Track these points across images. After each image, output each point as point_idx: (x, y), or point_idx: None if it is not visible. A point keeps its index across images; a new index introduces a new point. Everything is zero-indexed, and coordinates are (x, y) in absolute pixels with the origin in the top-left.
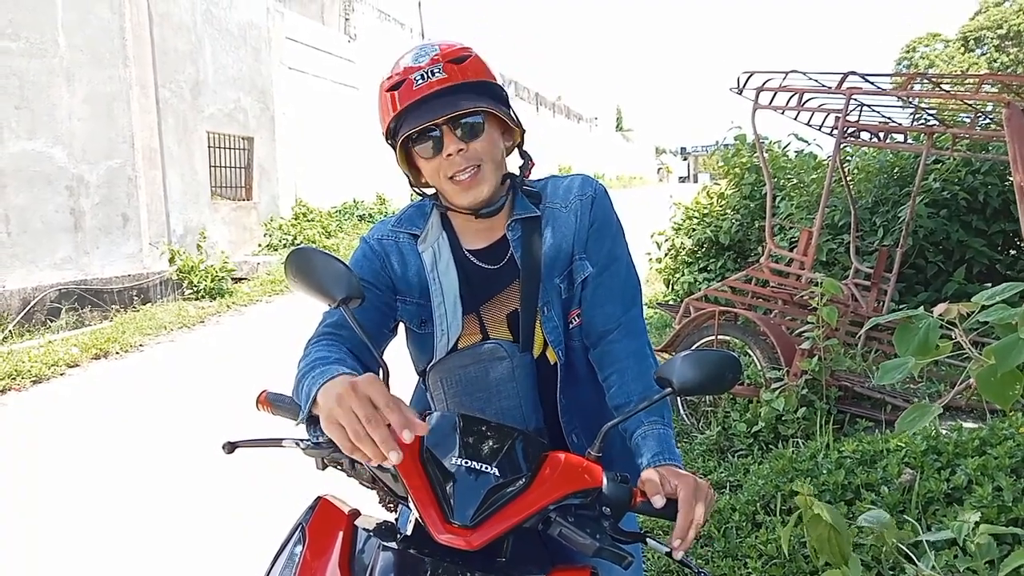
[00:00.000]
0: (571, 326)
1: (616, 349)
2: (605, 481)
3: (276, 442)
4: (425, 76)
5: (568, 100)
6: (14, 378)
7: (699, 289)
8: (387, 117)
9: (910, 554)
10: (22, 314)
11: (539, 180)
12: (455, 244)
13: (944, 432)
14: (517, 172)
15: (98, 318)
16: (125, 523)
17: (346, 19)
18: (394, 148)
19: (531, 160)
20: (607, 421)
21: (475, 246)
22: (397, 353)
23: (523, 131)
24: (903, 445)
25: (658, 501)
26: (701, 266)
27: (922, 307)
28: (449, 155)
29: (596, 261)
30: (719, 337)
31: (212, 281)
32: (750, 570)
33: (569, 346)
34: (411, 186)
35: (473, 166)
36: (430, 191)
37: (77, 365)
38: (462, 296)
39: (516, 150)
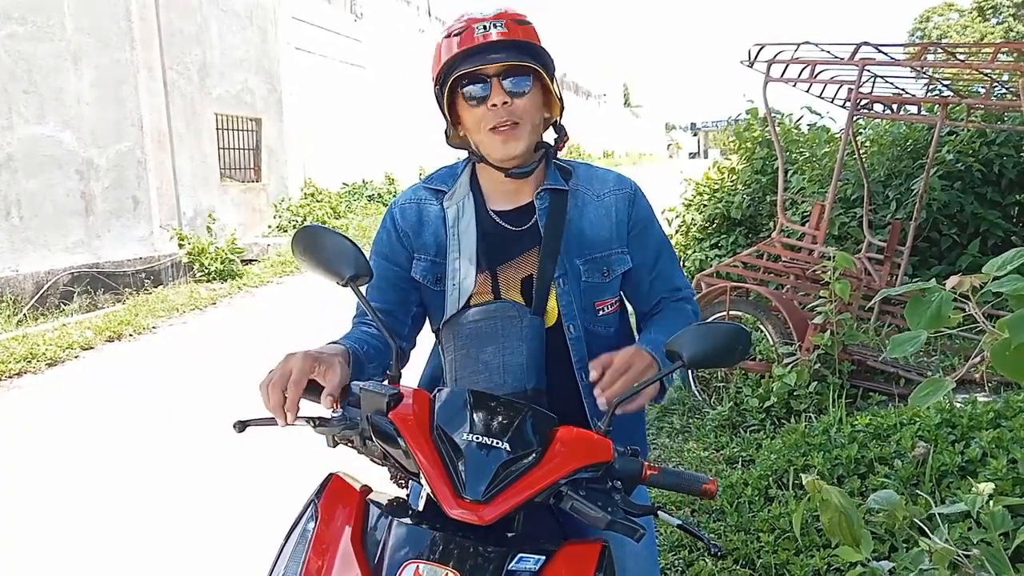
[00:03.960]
0: (600, 314)
1: (666, 309)
2: (616, 455)
3: None
4: (488, 27)
5: (575, 77)
6: (30, 361)
7: (710, 265)
8: (440, 61)
9: (924, 527)
10: (36, 297)
11: (573, 161)
12: (480, 204)
13: (958, 405)
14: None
15: (111, 301)
16: (139, 505)
17: None
18: (440, 95)
19: (566, 134)
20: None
21: (501, 207)
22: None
23: (563, 106)
24: (917, 418)
25: (592, 374)
26: (712, 242)
27: (935, 280)
28: (494, 105)
29: (646, 256)
30: (731, 313)
31: (223, 263)
32: (762, 544)
33: (591, 331)
34: (446, 136)
35: (513, 121)
36: (462, 154)
37: (91, 348)
38: (479, 254)
39: (552, 127)
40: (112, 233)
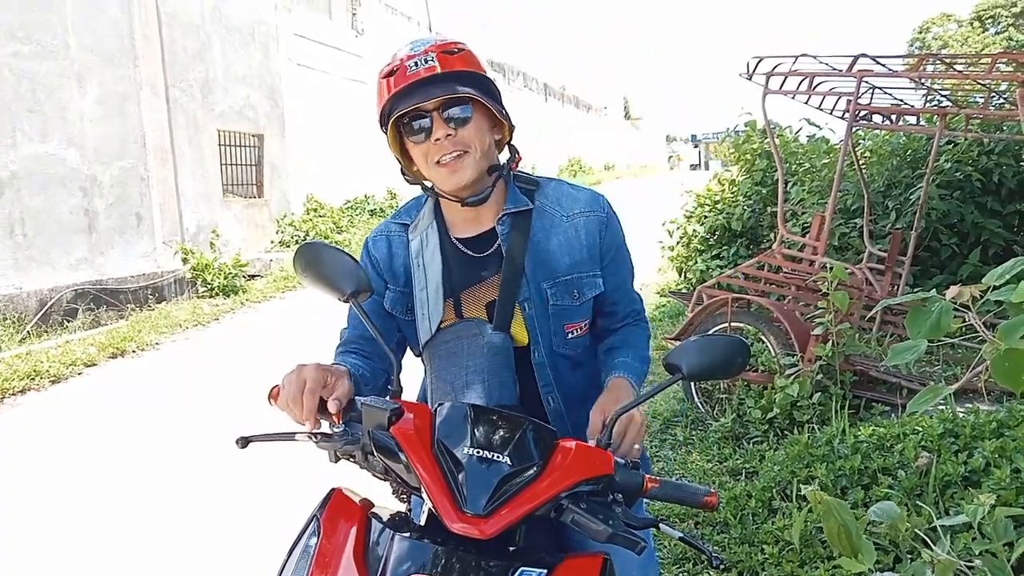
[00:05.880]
0: (570, 336)
1: (629, 332)
2: (616, 468)
3: (289, 436)
4: (418, 63)
5: (576, 90)
6: (33, 378)
7: (712, 276)
8: (381, 102)
9: (926, 539)
10: (39, 315)
11: (546, 177)
12: (443, 233)
13: (961, 414)
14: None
15: (114, 317)
16: (142, 521)
17: (353, 14)
18: (386, 133)
19: (518, 154)
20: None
21: (463, 235)
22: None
23: (512, 126)
24: (920, 429)
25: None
26: (713, 253)
27: (935, 290)
28: (437, 140)
29: (617, 281)
30: (732, 324)
31: (226, 279)
32: (766, 556)
33: (560, 355)
34: (402, 174)
35: (459, 151)
36: (425, 183)
37: (94, 364)
38: (444, 283)
39: (507, 146)
40: (115, 250)
